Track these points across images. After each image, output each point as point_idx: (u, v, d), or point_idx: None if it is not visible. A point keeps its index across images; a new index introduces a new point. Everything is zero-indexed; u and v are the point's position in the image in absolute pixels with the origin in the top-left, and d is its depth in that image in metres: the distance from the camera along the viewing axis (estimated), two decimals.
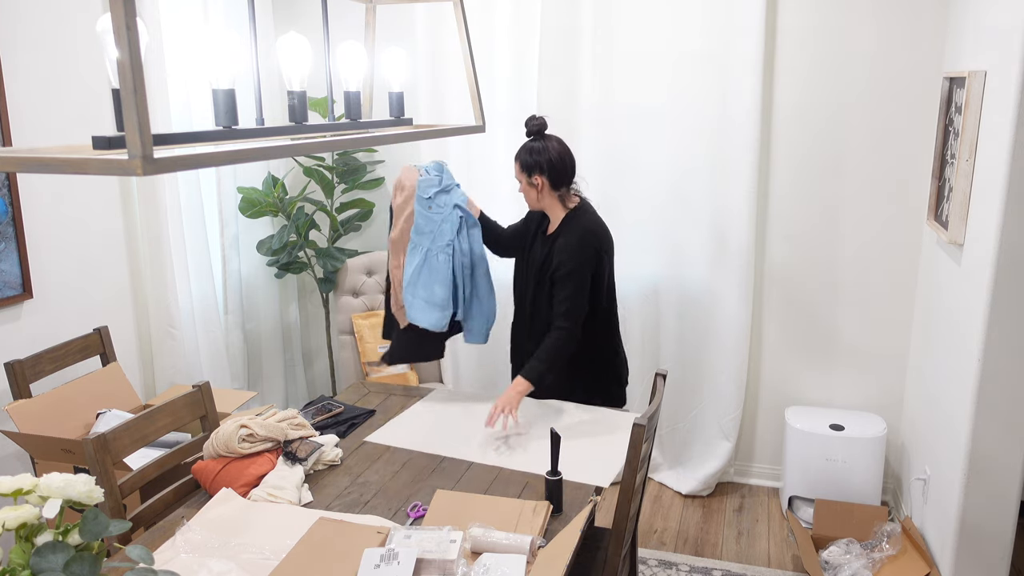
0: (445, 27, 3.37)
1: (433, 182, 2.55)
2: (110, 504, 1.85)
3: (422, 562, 1.58)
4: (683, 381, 3.42)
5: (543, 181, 2.46)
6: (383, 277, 3.58)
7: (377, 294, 3.66)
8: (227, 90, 1.27)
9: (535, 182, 2.46)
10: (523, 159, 2.47)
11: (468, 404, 2.53)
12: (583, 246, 2.41)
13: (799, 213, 3.23)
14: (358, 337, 3.53)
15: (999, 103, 2.22)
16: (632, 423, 1.82)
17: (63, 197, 2.75)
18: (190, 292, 3.18)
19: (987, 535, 2.41)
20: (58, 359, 2.65)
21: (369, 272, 3.67)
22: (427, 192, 2.54)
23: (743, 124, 3.08)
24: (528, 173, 2.46)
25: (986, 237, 2.27)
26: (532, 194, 2.50)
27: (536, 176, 2.45)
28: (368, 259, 3.67)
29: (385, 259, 3.27)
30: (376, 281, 3.66)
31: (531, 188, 2.49)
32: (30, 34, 2.57)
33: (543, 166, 2.44)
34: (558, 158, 2.44)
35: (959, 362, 2.47)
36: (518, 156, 2.49)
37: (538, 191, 2.48)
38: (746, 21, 3.01)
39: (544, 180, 2.45)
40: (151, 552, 1.18)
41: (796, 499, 3.17)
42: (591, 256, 2.42)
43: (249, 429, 2.02)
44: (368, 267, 3.67)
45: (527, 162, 2.46)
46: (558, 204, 2.51)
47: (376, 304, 3.64)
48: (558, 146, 2.47)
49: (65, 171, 0.97)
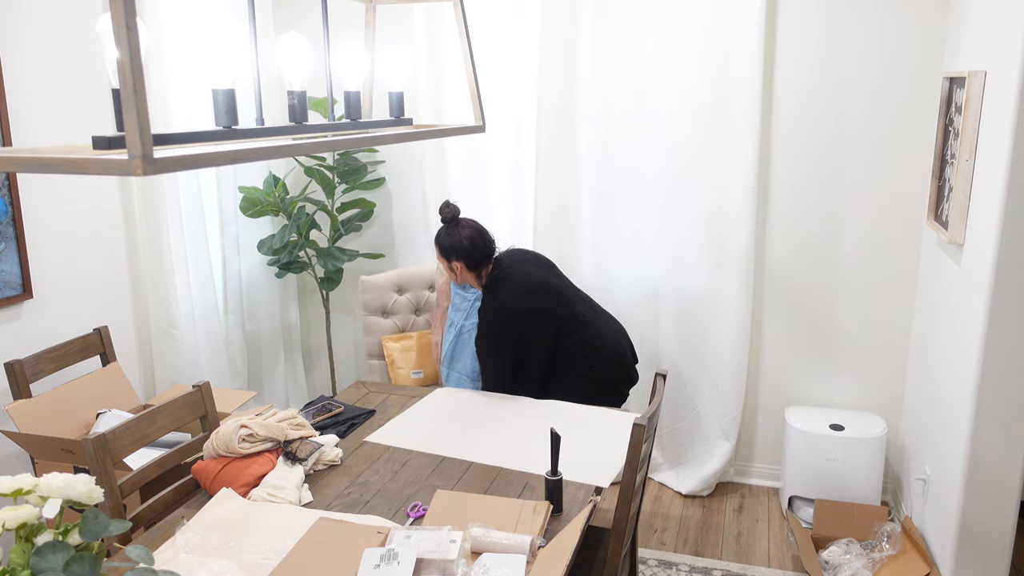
0: (445, 27, 3.37)
1: None
2: (110, 504, 1.85)
3: (422, 562, 1.58)
4: (683, 381, 3.42)
5: (460, 266, 2.63)
6: (415, 295, 3.37)
7: (409, 314, 3.36)
8: (227, 90, 1.27)
9: (454, 267, 2.65)
10: (440, 246, 2.65)
11: (468, 404, 2.53)
12: (490, 323, 2.56)
13: (799, 213, 3.23)
14: (389, 362, 3.20)
15: (999, 103, 2.22)
16: (632, 423, 1.82)
17: (63, 197, 2.75)
18: (190, 292, 3.18)
19: (987, 535, 2.41)
20: (58, 359, 2.65)
21: (400, 290, 3.35)
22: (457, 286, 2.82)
23: (743, 124, 3.09)
24: (447, 258, 2.65)
25: (986, 237, 2.27)
26: (453, 276, 2.69)
27: (454, 262, 2.63)
28: (397, 275, 3.36)
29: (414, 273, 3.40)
30: (408, 299, 3.35)
31: (451, 271, 2.67)
32: (30, 34, 2.57)
33: (458, 253, 2.61)
34: (470, 245, 2.60)
35: (959, 362, 2.47)
36: (436, 241, 2.67)
37: (457, 274, 2.66)
38: (746, 21, 3.01)
39: (460, 264, 2.63)
40: (151, 552, 1.18)
41: (796, 499, 3.17)
42: (499, 329, 2.55)
43: (249, 429, 2.02)
44: (398, 284, 3.35)
45: (444, 248, 2.64)
46: (476, 281, 2.68)
47: (408, 325, 3.34)
48: (470, 232, 2.62)
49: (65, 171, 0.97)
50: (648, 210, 3.32)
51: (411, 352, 3.14)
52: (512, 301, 2.53)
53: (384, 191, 3.75)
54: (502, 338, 2.54)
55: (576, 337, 2.61)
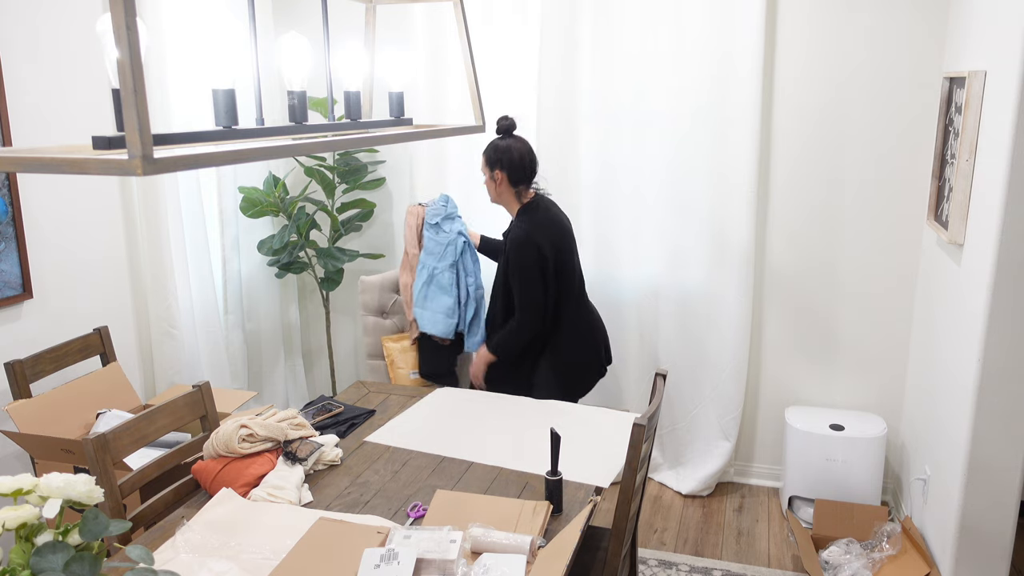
0: (445, 27, 3.38)
1: (439, 210, 2.96)
2: (110, 504, 1.85)
3: (422, 562, 1.58)
4: (683, 381, 3.42)
5: (503, 177, 2.67)
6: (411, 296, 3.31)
7: None
8: (227, 90, 1.27)
9: (496, 177, 2.68)
10: (488, 155, 2.69)
11: (468, 404, 2.54)
12: (524, 243, 2.62)
13: (799, 213, 3.23)
14: (388, 362, 3.20)
15: (999, 103, 2.22)
16: (632, 423, 1.82)
17: (63, 197, 2.75)
18: (190, 292, 3.18)
19: (987, 535, 2.41)
20: (58, 359, 2.65)
21: (399, 290, 3.34)
22: (433, 219, 2.94)
23: (743, 124, 3.09)
24: (490, 168, 2.69)
25: (986, 237, 2.27)
26: (492, 188, 2.73)
27: (497, 171, 2.67)
28: (396, 275, 3.33)
29: None
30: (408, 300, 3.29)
31: (491, 182, 2.71)
32: (30, 34, 2.57)
33: (504, 163, 2.65)
34: (518, 157, 2.66)
35: (959, 362, 2.47)
36: (485, 151, 2.71)
37: (497, 185, 2.69)
38: (746, 21, 3.01)
39: (504, 176, 2.67)
40: (151, 552, 1.18)
41: (796, 499, 3.17)
42: (532, 254, 2.62)
43: (249, 429, 2.02)
44: (397, 284, 3.34)
45: (491, 158, 2.68)
46: (514, 200, 2.72)
47: (407, 325, 3.29)
48: (521, 146, 2.68)
49: (65, 171, 0.97)
50: (648, 210, 3.32)
51: (411, 352, 3.14)
52: (552, 222, 2.69)
53: (384, 191, 3.75)
54: (531, 267, 2.63)
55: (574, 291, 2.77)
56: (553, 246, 2.65)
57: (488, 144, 2.71)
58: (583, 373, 2.83)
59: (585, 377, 2.84)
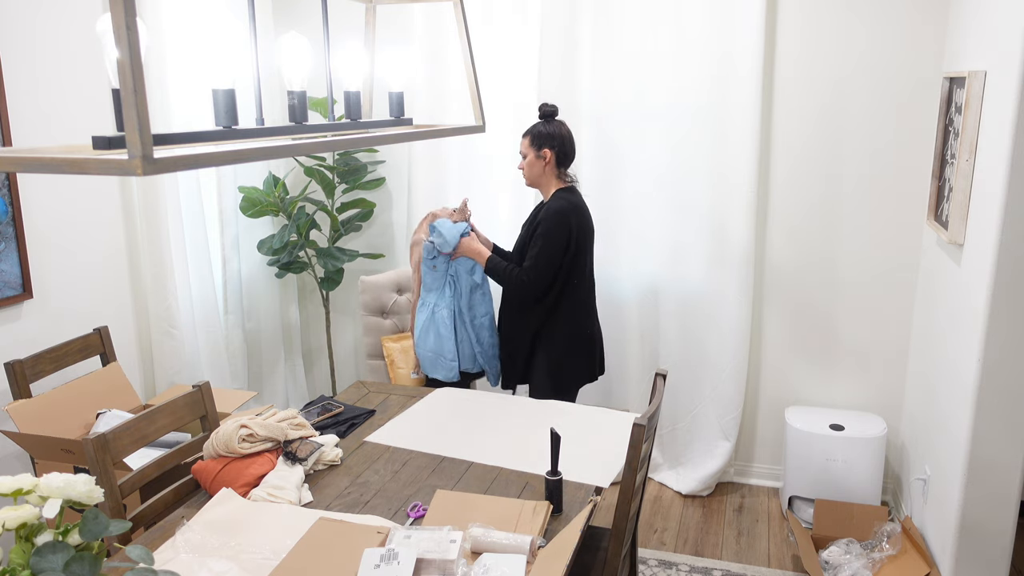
0: (445, 27, 3.38)
1: (430, 251, 2.83)
2: (110, 504, 1.85)
3: (422, 562, 1.58)
4: (683, 381, 3.42)
5: (551, 156, 2.72)
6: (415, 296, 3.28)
7: (409, 314, 3.29)
8: (227, 90, 1.27)
9: (543, 155, 2.71)
10: (535, 133, 2.73)
11: (468, 404, 2.54)
12: (563, 214, 2.66)
13: (799, 213, 3.23)
14: (389, 362, 3.17)
15: (999, 103, 2.22)
16: (632, 423, 1.82)
17: (63, 197, 2.75)
18: (190, 292, 3.18)
19: (987, 535, 2.41)
20: (58, 359, 2.65)
21: (400, 290, 3.34)
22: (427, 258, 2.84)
23: (743, 124, 3.09)
24: (538, 146, 2.72)
25: (986, 237, 2.27)
26: (537, 167, 2.74)
27: (545, 149, 2.71)
28: (396, 275, 3.35)
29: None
30: (408, 300, 3.32)
31: (538, 161, 2.73)
32: (30, 34, 2.57)
33: (556, 142, 2.71)
34: (567, 138, 2.74)
35: (959, 362, 2.47)
36: (528, 132, 2.75)
37: (544, 163, 2.72)
38: (746, 20, 3.01)
39: (552, 155, 2.71)
40: (151, 552, 1.18)
41: (796, 499, 3.17)
42: (567, 227, 2.66)
43: (249, 429, 2.02)
44: (398, 284, 3.34)
45: (539, 134, 2.72)
46: (555, 181, 2.77)
47: (407, 325, 3.29)
48: (567, 131, 2.76)
49: (65, 171, 0.97)
50: (648, 209, 3.33)
51: (411, 352, 3.13)
52: (585, 209, 2.75)
53: (384, 191, 3.76)
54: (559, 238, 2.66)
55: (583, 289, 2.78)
56: (581, 232, 2.70)
57: (532, 126, 2.75)
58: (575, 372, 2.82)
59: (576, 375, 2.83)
